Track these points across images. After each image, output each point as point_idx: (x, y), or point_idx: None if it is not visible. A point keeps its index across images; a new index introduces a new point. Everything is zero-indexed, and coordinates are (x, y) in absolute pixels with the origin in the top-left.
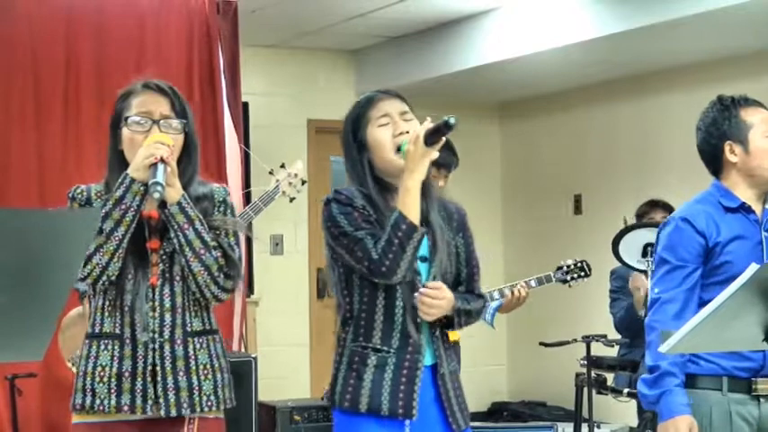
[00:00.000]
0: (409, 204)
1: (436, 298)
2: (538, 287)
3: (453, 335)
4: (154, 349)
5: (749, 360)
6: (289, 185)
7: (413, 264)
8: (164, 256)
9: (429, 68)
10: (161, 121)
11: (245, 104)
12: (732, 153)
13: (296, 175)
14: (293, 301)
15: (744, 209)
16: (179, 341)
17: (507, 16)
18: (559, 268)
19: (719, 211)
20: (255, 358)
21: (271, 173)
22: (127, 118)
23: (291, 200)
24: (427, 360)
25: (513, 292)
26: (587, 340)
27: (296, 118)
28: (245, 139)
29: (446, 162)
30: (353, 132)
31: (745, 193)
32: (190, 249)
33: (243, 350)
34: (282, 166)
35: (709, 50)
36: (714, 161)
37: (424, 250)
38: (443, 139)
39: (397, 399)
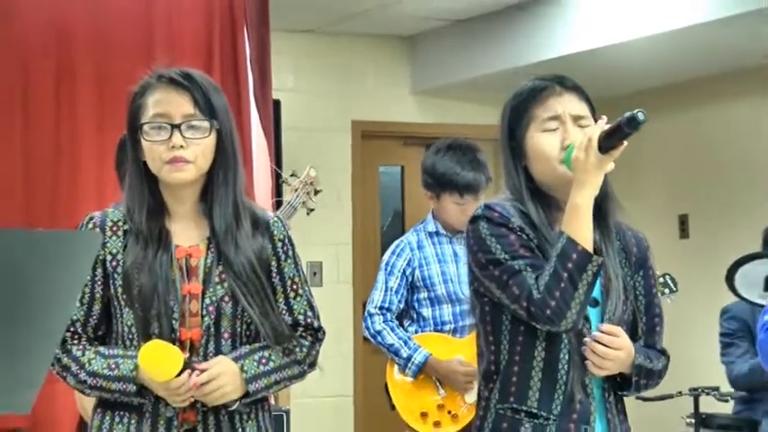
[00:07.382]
0: (580, 227)
1: (612, 347)
2: None
3: None
4: (177, 426)
5: None
6: (306, 195)
7: (586, 306)
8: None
9: (502, 59)
10: (182, 125)
11: (277, 103)
12: None
13: (311, 183)
14: (334, 344)
15: None
16: (223, 411)
17: None
18: None
19: None
20: (288, 412)
21: (284, 182)
22: (143, 125)
23: (309, 212)
24: (598, 431)
25: None
26: (695, 393)
27: (338, 119)
28: (275, 144)
29: (471, 183)
30: (510, 129)
31: None
32: (285, 384)
33: (273, 402)
34: (293, 174)
35: None
36: None
37: (595, 291)
38: (625, 143)
39: None
